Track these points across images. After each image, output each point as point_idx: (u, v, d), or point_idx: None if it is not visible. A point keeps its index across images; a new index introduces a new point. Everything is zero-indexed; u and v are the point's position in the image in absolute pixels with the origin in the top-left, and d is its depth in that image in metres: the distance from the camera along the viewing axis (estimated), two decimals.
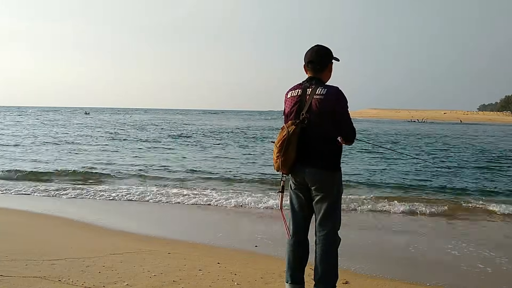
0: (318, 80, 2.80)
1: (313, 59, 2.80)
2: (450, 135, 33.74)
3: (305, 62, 2.85)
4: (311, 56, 2.81)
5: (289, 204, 2.94)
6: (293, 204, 2.91)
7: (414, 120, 75.29)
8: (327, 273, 2.77)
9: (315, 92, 2.72)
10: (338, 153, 2.79)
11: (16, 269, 3.58)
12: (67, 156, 14.87)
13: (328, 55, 2.83)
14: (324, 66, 2.81)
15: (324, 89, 2.71)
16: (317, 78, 2.80)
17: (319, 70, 2.80)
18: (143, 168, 12.01)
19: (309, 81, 2.81)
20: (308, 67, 2.83)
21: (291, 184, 2.90)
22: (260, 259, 4.32)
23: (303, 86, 2.80)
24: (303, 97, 2.76)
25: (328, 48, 2.86)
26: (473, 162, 15.24)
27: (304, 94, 2.76)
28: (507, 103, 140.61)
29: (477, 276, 4.09)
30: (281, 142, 2.70)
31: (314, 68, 2.80)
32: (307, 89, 2.76)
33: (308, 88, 2.77)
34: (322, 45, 2.86)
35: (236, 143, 22.14)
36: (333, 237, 2.80)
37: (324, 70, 2.82)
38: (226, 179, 10.49)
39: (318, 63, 2.80)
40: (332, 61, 2.87)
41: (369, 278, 3.76)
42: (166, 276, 3.56)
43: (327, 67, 2.84)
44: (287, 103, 2.85)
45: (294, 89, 2.84)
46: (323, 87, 2.73)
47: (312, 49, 2.84)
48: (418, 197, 8.53)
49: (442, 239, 5.47)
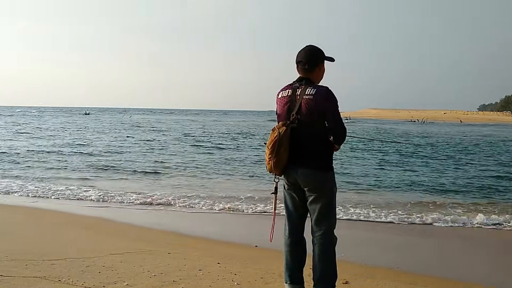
0: (308, 80, 2.80)
1: (302, 59, 2.81)
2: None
3: (296, 62, 2.86)
4: (301, 56, 2.82)
5: (284, 205, 2.95)
6: (287, 204, 2.92)
7: (414, 120, 75.19)
8: (326, 272, 2.78)
9: (304, 93, 2.72)
10: (330, 152, 2.79)
11: (16, 269, 3.58)
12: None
13: (318, 55, 2.83)
14: (314, 66, 2.81)
15: (314, 89, 2.72)
16: (307, 79, 2.80)
17: (308, 70, 2.80)
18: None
19: (299, 81, 2.81)
20: (298, 67, 2.84)
21: (285, 185, 2.90)
22: (260, 259, 4.32)
23: (293, 86, 2.80)
24: (293, 97, 2.76)
25: (319, 48, 2.85)
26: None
27: (294, 95, 2.76)
28: (507, 103, 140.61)
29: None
30: (272, 143, 2.70)
31: (303, 68, 2.81)
32: (297, 90, 2.77)
33: (298, 89, 2.77)
34: (313, 45, 2.86)
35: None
36: (330, 236, 2.81)
37: (314, 70, 2.81)
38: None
39: (307, 63, 2.79)
40: (324, 61, 2.86)
41: (369, 278, 3.76)
42: (166, 276, 3.56)
43: (317, 67, 2.83)
44: (278, 104, 2.85)
45: (284, 89, 2.84)
46: (313, 87, 2.73)
47: (302, 49, 2.85)
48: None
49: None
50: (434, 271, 4.29)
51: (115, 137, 24.92)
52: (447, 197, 8.92)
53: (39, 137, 23.40)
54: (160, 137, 25.26)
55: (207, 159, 15.16)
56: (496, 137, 31.00)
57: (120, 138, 24.25)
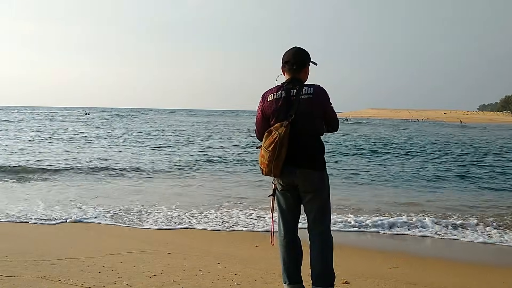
0: (299, 80, 2.82)
1: (290, 59, 2.82)
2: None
3: (282, 63, 2.87)
4: (289, 57, 2.83)
5: (277, 206, 2.95)
6: (281, 205, 2.92)
7: (414, 120, 75.24)
8: (325, 272, 2.80)
9: (301, 92, 2.74)
10: (324, 151, 2.84)
11: (16, 269, 3.58)
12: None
13: (306, 56, 2.86)
14: (302, 67, 2.83)
15: (310, 88, 2.75)
16: (297, 79, 2.82)
17: (296, 70, 2.82)
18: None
19: (291, 82, 2.81)
20: (286, 68, 2.84)
21: (278, 186, 2.89)
22: (260, 259, 4.32)
23: (285, 87, 2.80)
24: (288, 98, 2.76)
25: (305, 50, 2.89)
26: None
27: (289, 95, 2.77)
28: (507, 103, 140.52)
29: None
30: (273, 145, 2.68)
31: (291, 68, 2.82)
32: (291, 90, 2.77)
33: (291, 89, 2.77)
34: (299, 47, 2.89)
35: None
36: (328, 235, 2.85)
37: (301, 70, 2.84)
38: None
39: (296, 63, 2.81)
40: (310, 63, 2.89)
41: (369, 278, 3.76)
42: (166, 276, 3.56)
43: (305, 68, 2.86)
44: (267, 106, 2.82)
45: (275, 91, 2.82)
46: (308, 86, 2.77)
47: (290, 50, 2.86)
48: None
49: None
50: (434, 270, 4.29)
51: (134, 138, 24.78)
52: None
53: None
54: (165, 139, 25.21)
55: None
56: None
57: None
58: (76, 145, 18.51)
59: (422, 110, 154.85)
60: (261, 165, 2.77)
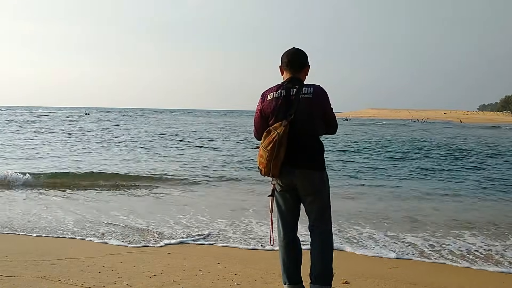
0: (299, 80, 2.81)
1: (290, 59, 2.82)
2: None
3: (282, 62, 2.87)
4: (289, 56, 2.84)
5: (276, 207, 2.94)
6: (280, 206, 2.91)
7: (414, 120, 75.21)
8: (324, 271, 2.80)
9: (301, 92, 2.74)
10: (323, 151, 2.84)
11: (16, 269, 3.58)
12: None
13: (305, 56, 2.87)
14: (302, 67, 2.84)
15: (310, 88, 2.75)
16: (297, 78, 2.82)
17: (296, 70, 2.82)
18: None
19: (291, 81, 2.81)
20: (286, 67, 2.84)
21: (277, 187, 2.88)
22: (260, 259, 4.32)
23: (285, 86, 2.79)
24: (288, 97, 2.76)
25: (304, 51, 2.89)
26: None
27: (289, 94, 2.76)
28: (507, 103, 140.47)
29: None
30: (272, 145, 2.67)
31: (291, 68, 2.82)
32: (291, 90, 2.77)
33: (291, 89, 2.77)
34: (298, 48, 2.90)
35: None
36: (328, 235, 2.85)
37: (301, 70, 2.84)
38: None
39: (296, 63, 2.82)
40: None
41: (369, 278, 3.76)
42: (166, 276, 3.56)
43: (305, 68, 2.86)
44: (267, 105, 2.81)
45: (275, 90, 2.82)
46: (308, 86, 2.77)
47: (289, 50, 2.87)
48: None
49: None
50: (434, 270, 4.29)
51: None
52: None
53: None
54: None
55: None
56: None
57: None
58: (152, 152, 16.07)
59: (422, 110, 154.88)
60: (260, 165, 2.76)
